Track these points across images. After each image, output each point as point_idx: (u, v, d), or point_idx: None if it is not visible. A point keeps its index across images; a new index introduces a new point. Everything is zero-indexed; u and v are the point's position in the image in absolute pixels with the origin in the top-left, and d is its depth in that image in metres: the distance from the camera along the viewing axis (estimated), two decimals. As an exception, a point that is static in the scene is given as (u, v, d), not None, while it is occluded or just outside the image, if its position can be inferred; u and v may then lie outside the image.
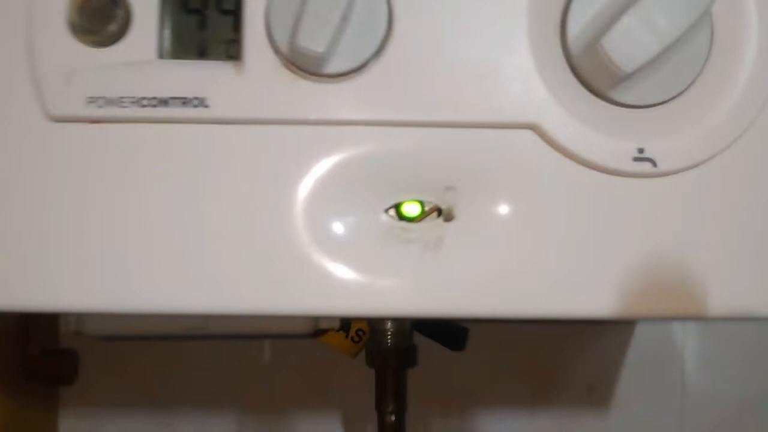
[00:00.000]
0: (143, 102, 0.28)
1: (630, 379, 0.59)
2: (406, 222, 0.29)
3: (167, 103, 0.28)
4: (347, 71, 0.28)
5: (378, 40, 0.28)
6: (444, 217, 0.29)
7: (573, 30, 0.28)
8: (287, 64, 0.28)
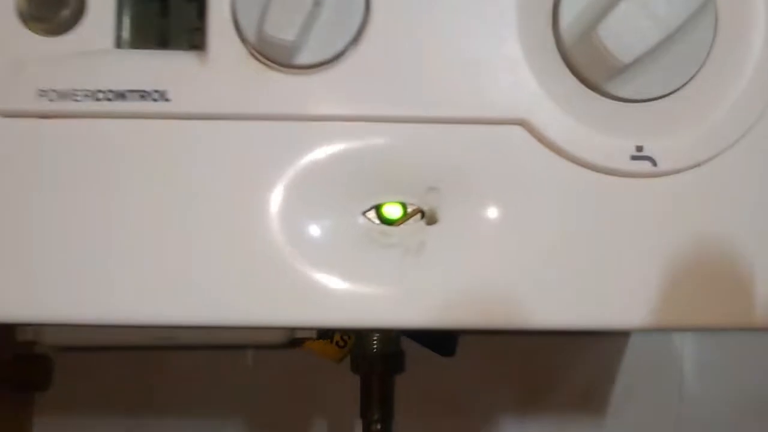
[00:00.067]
0: (98, 95, 0.27)
1: (626, 385, 0.59)
2: (386, 225, 0.28)
3: (124, 96, 0.27)
4: (320, 62, 0.27)
5: (354, 27, 0.27)
6: (427, 221, 0.28)
7: (566, 17, 0.27)
8: (255, 55, 0.27)
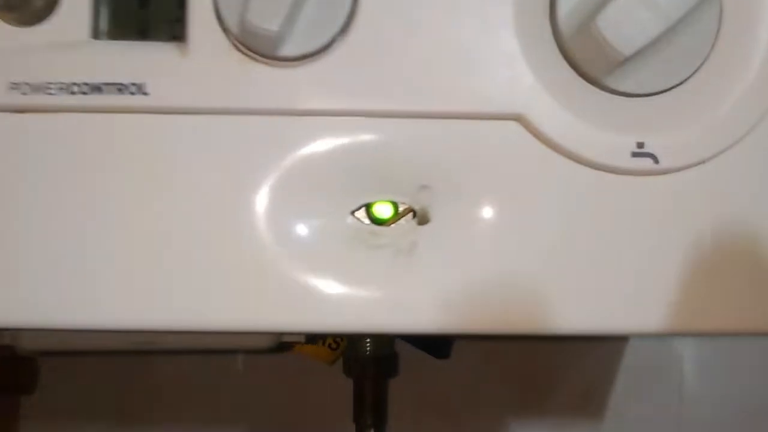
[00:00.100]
0: (73, 89, 0.27)
1: (626, 386, 0.59)
2: (376, 225, 0.28)
3: (101, 89, 0.27)
4: (307, 54, 0.26)
5: (342, 17, 0.26)
6: (418, 220, 0.28)
7: (564, 7, 0.27)
8: (238, 46, 0.26)
